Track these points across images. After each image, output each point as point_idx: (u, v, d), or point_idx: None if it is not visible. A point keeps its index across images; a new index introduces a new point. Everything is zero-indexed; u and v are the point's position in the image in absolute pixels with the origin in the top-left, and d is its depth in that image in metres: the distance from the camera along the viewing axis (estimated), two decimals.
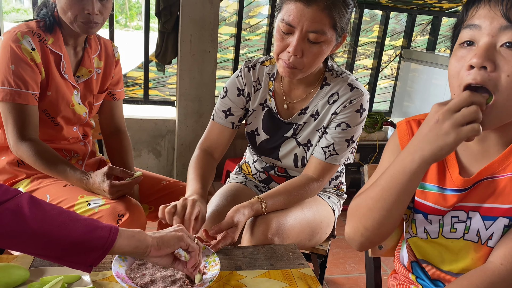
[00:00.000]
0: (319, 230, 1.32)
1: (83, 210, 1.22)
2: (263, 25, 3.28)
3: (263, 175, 1.44)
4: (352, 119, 1.22)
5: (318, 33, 1.09)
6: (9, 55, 1.22)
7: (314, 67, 1.17)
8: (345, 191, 1.52)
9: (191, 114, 3.00)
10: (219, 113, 1.34)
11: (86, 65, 1.42)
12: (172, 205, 1.03)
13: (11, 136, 1.26)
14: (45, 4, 1.35)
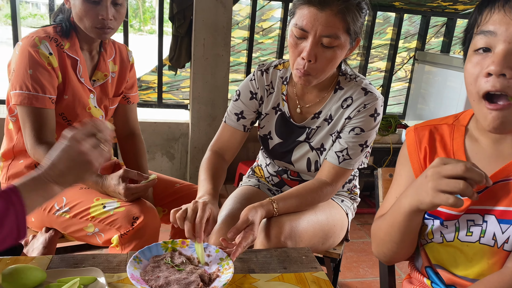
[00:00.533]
0: (332, 234, 1.32)
1: (99, 212, 1.24)
2: (276, 28, 3.28)
3: (276, 178, 1.44)
4: (366, 123, 1.22)
5: (331, 37, 1.08)
6: (27, 60, 1.25)
7: (328, 72, 1.16)
8: (358, 195, 1.51)
9: (204, 117, 3.02)
10: (231, 116, 1.35)
11: (102, 69, 1.44)
12: (183, 210, 1.03)
13: (28, 140, 1.28)
14: (61, 10, 1.38)
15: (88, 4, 1.26)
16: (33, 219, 1.36)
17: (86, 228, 1.27)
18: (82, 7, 1.26)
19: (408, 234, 0.86)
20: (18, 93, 1.25)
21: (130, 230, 1.20)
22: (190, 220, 1.00)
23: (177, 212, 1.02)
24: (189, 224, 1.00)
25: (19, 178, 1.36)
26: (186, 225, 1.00)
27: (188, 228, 1.00)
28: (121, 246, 1.21)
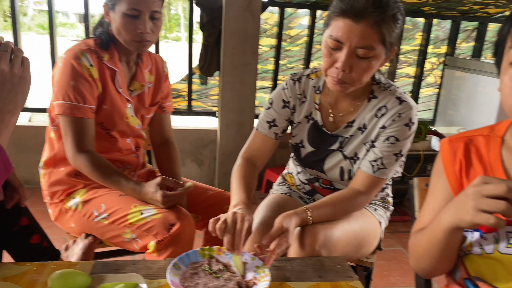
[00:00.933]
0: (365, 243, 1.32)
1: (136, 219, 1.28)
2: (303, 36, 3.30)
3: (308, 186, 1.45)
4: (401, 133, 1.22)
5: (367, 48, 1.09)
6: (69, 72, 1.30)
7: (364, 82, 1.17)
8: (391, 203, 1.50)
9: (232, 124, 3.05)
10: (263, 124, 1.37)
11: (139, 80, 1.49)
12: (222, 221, 1.04)
13: (69, 148, 1.33)
14: (101, 24, 1.43)
15: (128, 18, 1.30)
16: (73, 225, 1.41)
17: (124, 234, 1.31)
18: (121, 21, 1.31)
19: (447, 251, 0.85)
20: (61, 103, 1.31)
21: (166, 236, 1.23)
22: (230, 231, 1.02)
23: (216, 222, 1.04)
24: (229, 236, 1.02)
25: (60, 185, 1.42)
26: (226, 236, 1.02)
27: (228, 240, 1.01)
28: (158, 252, 1.25)
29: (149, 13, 1.32)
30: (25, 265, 1.02)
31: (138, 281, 0.94)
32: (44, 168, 1.48)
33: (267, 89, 3.44)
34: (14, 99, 0.87)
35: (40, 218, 1.27)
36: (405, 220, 2.86)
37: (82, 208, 1.38)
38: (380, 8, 1.06)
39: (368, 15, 1.06)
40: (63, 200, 1.43)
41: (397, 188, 2.86)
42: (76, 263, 1.05)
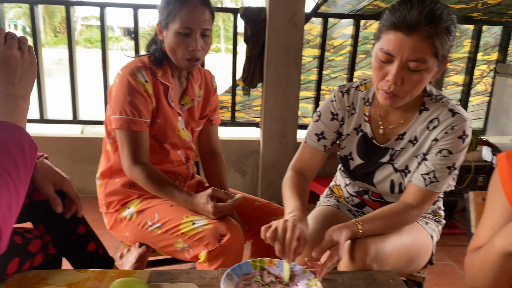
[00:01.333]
0: (417, 257, 1.29)
1: (188, 229, 1.31)
2: (347, 46, 3.28)
3: (356, 199, 1.44)
4: (454, 145, 1.19)
5: (419, 61, 1.07)
6: (126, 87, 1.37)
7: (415, 94, 1.15)
8: (443, 217, 1.46)
9: (275, 135, 3.07)
10: (312, 136, 1.37)
11: (190, 94, 1.54)
12: (273, 229, 1.06)
13: (126, 160, 1.40)
14: (155, 41, 1.50)
15: (180, 36, 1.36)
16: (127, 234, 1.47)
17: (176, 244, 1.35)
18: (174, 39, 1.37)
19: (502, 274, 0.82)
20: (118, 117, 1.38)
21: (217, 247, 1.26)
22: (280, 240, 1.03)
23: (268, 229, 1.06)
24: (279, 244, 1.03)
25: (116, 196, 1.49)
26: (276, 245, 1.03)
27: (279, 248, 1.03)
28: (209, 262, 1.27)
29: (200, 31, 1.37)
30: (87, 272, 1.08)
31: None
32: (101, 179, 1.55)
33: (309, 99, 3.44)
34: (25, 85, 0.94)
35: (93, 227, 1.33)
36: (455, 233, 2.76)
37: (137, 218, 1.43)
38: (433, 22, 1.05)
39: (420, 28, 1.04)
40: (118, 210, 1.49)
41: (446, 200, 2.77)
42: (134, 271, 1.09)
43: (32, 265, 1.10)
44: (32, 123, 3.10)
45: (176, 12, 1.35)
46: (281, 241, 1.04)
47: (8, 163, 0.84)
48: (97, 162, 1.59)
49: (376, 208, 1.38)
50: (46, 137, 3.09)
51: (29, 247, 1.09)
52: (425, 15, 1.04)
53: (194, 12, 1.35)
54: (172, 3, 1.36)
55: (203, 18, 1.37)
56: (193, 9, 1.35)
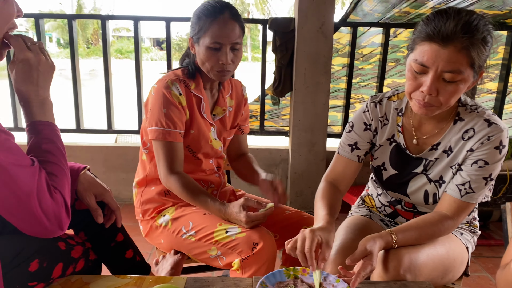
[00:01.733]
0: (452, 268, 1.27)
1: (222, 237, 1.34)
2: (376, 54, 3.27)
3: (389, 209, 1.43)
4: (491, 156, 1.17)
5: (454, 73, 1.06)
6: (162, 100, 1.42)
7: (451, 105, 1.14)
8: (478, 227, 1.43)
9: (304, 143, 3.08)
10: (345, 147, 1.38)
11: (221, 105, 1.59)
12: (293, 240, 1.08)
13: (162, 170, 1.44)
14: (188, 55, 1.56)
15: (210, 51, 1.40)
16: (162, 241, 1.51)
17: (210, 251, 1.38)
18: (205, 53, 1.42)
19: None
20: (154, 129, 1.43)
21: (250, 255, 1.28)
22: (300, 250, 1.05)
23: (289, 243, 1.08)
24: (300, 254, 1.04)
25: (151, 204, 1.54)
26: (298, 255, 1.05)
27: (301, 259, 1.04)
28: (242, 270, 1.30)
29: (230, 45, 1.41)
30: (126, 278, 1.12)
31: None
32: (137, 188, 1.60)
33: (339, 108, 3.44)
34: (49, 86, 1.03)
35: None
36: (491, 244, 2.68)
37: (172, 225, 1.47)
38: (470, 32, 1.03)
39: (456, 39, 1.03)
40: (154, 218, 1.54)
41: (481, 211, 2.72)
42: (170, 277, 1.13)
43: (75, 270, 1.15)
44: (69, 132, 3.22)
45: (207, 27, 1.39)
46: (301, 250, 1.05)
47: (60, 155, 0.99)
48: (130, 170, 1.66)
49: (409, 219, 1.37)
50: (82, 146, 3.20)
51: (71, 253, 1.14)
52: (461, 26, 1.03)
53: (224, 28, 1.39)
54: (203, 19, 1.41)
55: (233, 33, 1.41)
56: (223, 25, 1.39)
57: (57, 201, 0.90)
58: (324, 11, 2.82)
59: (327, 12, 2.82)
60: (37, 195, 0.85)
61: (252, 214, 1.34)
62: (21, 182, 0.83)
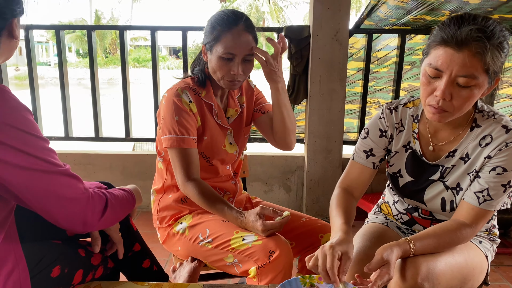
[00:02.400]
0: (471, 277, 1.25)
1: (238, 244, 1.35)
2: (391, 57, 3.24)
3: (406, 216, 1.42)
4: (509, 163, 1.16)
5: (468, 77, 1.05)
6: (173, 108, 1.44)
7: (464, 110, 1.14)
8: (498, 235, 1.41)
9: (320, 150, 3.08)
10: (360, 153, 1.38)
11: (232, 106, 1.61)
12: (314, 258, 1.08)
13: (179, 177, 1.46)
14: (198, 62, 1.58)
15: (223, 60, 1.42)
16: (179, 248, 1.53)
17: (226, 259, 1.39)
18: (217, 62, 1.43)
19: None
20: (168, 137, 1.45)
21: (267, 263, 1.28)
22: (322, 269, 1.05)
23: (310, 260, 1.08)
24: (323, 272, 1.04)
25: (168, 211, 1.55)
26: (320, 273, 1.05)
27: (324, 276, 1.04)
28: (258, 278, 1.30)
29: (243, 56, 1.42)
30: (143, 284, 1.14)
31: None
32: (155, 195, 1.63)
33: (354, 113, 3.43)
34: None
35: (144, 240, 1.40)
36: (511, 253, 2.63)
37: (189, 233, 1.49)
38: (485, 37, 1.03)
39: (471, 44, 1.03)
40: (171, 225, 1.56)
41: (501, 218, 2.67)
42: (187, 284, 1.14)
43: (94, 277, 1.17)
44: (88, 141, 3.29)
45: (221, 37, 1.40)
46: (323, 268, 1.05)
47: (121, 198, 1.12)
48: (147, 178, 1.68)
49: (426, 226, 1.36)
50: (101, 154, 3.26)
51: (91, 259, 1.16)
52: (476, 31, 1.03)
53: (237, 38, 1.40)
54: (217, 28, 1.41)
55: (246, 44, 1.41)
56: (236, 35, 1.40)
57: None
58: (339, 18, 2.82)
59: (342, 20, 2.83)
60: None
61: (268, 223, 1.34)
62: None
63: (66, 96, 3.15)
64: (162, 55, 40.49)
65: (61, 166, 0.94)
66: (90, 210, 0.96)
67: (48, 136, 3.25)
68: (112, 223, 1.09)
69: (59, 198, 0.91)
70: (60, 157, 0.94)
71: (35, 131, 0.89)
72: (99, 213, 0.99)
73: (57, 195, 0.91)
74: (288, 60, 2.96)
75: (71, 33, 33.12)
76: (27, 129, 0.87)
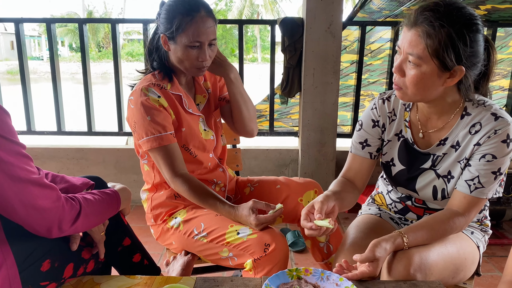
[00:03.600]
0: (463, 268, 1.26)
1: (233, 238, 1.35)
2: (385, 49, 3.24)
3: (399, 205, 1.43)
4: (498, 150, 1.17)
5: (413, 56, 1.10)
6: (142, 109, 1.40)
7: (416, 92, 1.16)
8: (489, 226, 1.42)
9: (314, 144, 3.08)
10: (356, 145, 1.40)
11: (200, 93, 1.60)
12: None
13: (167, 175, 1.44)
14: (157, 52, 1.49)
15: (189, 49, 1.39)
16: (173, 242, 1.52)
17: (221, 253, 1.38)
18: (184, 52, 1.40)
19: None
20: (146, 140, 1.41)
21: (263, 256, 1.28)
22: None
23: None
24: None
25: (163, 208, 1.54)
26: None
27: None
28: (254, 270, 1.30)
29: (208, 42, 1.40)
30: (136, 278, 1.13)
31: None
32: (146, 194, 1.61)
33: (348, 106, 3.42)
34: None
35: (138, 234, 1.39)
36: (504, 243, 2.65)
37: (183, 227, 1.48)
38: (439, 23, 1.06)
39: (420, 24, 1.09)
40: (165, 221, 1.55)
41: (494, 209, 2.69)
42: (180, 278, 1.14)
43: (86, 271, 1.17)
44: (81, 135, 3.27)
45: (184, 26, 1.36)
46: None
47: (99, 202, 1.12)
48: (141, 172, 1.65)
49: (419, 214, 1.37)
50: (94, 148, 3.24)
51: (82, 253, 1.15)
52: (432, 15, 1.07)
53: (202, 26, 1.37)
54: (178, 17, 1.37)
55: (210, 30, 1.40)
56: (201, 23, 1.37)
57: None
58: (332, 11, 2.81)
59: (335, 12, 2.82)
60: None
61: (262, 217, 1.34)
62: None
63: (58, 90, 3.12)
64: None
65: (35, 173, 0.93)
66: (57, 220, 0.95)
67: (40, 130, 3.23)
68: (84, 229, 1.07)
69: (26, 206, 0.90)
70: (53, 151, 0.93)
71: (12, 136, 0.88)
72: (69, 222, 0.98)
73: (25, 204, 0.90)
74: (282, 53, 2.95)
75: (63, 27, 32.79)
76: (3, 132, 0.86)
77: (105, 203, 1.13)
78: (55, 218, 0.95)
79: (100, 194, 1.13)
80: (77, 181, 1.17)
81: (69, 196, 1.01)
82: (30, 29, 38.47)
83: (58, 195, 0.96)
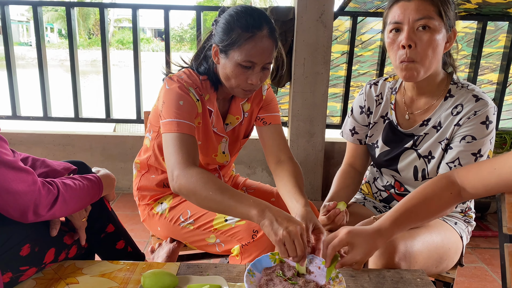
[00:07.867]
0: (446, 257, 1.27)
1: (221, 225, 1.34)
2: (376, 40, 3.24)
3: (384, 193, 1.44)
4: (478, 131, 1.18)
5: (425, 18, 1.12)
6: (178, 94, 1.27)
7: (432, 59, 1.17)
8: (473, 218, 1.43)
9: (303, 134, 3.07)
10: (347, 131, 1.48)
11: (233, 113, 1.46)
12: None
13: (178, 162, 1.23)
14: (206, 59, 1.37)
15: (241, 68, 1.24)
16: (159, 228, 1.51)
17: (208, 239, 1.37)
18: (234, 69, 1.25)
19: None
20: (168, 121, 1.26)
21: (251, 241, 1.27)
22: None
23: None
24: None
25: (148, 192, 1.51)
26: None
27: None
28: (241, 256, 1.28)
29: (263, 64, 1.26)
30: (119, 263, 1.12)
31: (221, 283, 0.99)
32: (137, 169, 1.56)
33: (338, 97, 3.42)
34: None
35: (124, 221, 1.36)
36: (488, 235, 2.68)
37: (169, 214, 1.46)
38: None
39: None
40: (151, 205, 1.53)
41: (479, 202, 2.72)
42: (164, 264, 1.13)
43: (68, 256, 1.15)
44: (67, 121, 3.22)
45: (241, 42, 1.22)
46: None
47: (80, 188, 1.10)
48: (128, 160, 1.63)
49: None
50: (81, 135, 3.20)
51: (64, 238, 1.14)
52: None
53: (260, 46, 1.22)
54: (237, 31, 1.22)
55: (268, 52, 1.24)
56: (260, 43, 1.22)
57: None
58: (324, 0, 2.79)
59: (327, 1, 2.80)
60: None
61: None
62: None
63: (45, 74, 3.07)
64: (146, 37, 39.82)
65: (9, 155, 0.91)
66: (33, 204, 0.94)
67: (26, 116, 3.18)
68: (63, 215, 1.05)
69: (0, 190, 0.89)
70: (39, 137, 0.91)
71: None
72: (46, 207, 0.97)
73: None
74: None
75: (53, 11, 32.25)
76: None
77: (86, 188, 1.11)
78: (30, 203, 0.93)
79: (81, 180, 1.11)
80: (58, 166, 1.15)
81: (46, 181, 0.99)
82: (18, 14, 37.74)
83: (34, 179, 0.94)
